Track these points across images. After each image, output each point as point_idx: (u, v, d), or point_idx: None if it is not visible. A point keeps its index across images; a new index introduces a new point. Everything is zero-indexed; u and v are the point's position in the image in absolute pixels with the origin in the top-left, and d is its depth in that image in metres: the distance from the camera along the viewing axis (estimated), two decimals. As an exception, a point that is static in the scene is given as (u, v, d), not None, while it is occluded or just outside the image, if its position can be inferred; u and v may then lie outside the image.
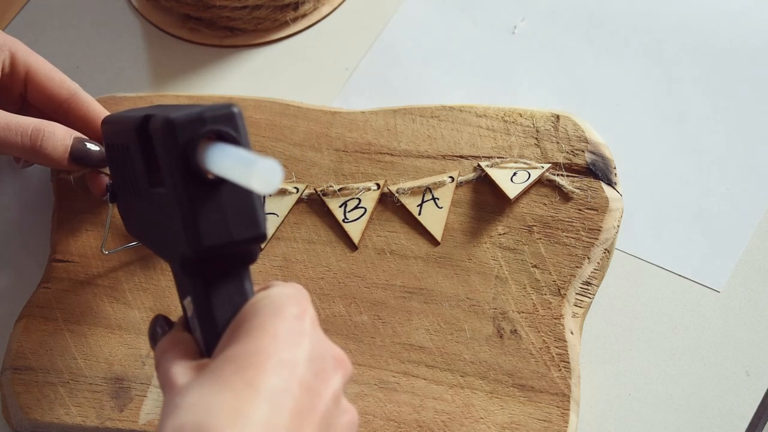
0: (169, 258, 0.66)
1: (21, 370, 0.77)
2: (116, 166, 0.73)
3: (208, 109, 0.61)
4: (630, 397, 0.77)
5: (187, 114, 0.60)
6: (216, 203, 0.60)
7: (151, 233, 0.68)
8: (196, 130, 0.60)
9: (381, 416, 0.74)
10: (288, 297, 0.61)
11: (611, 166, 0.81)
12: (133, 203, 0.71)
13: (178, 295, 0.65)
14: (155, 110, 0.66)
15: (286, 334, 0.58)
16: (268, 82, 0.90)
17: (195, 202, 0.60)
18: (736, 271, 0.81)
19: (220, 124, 0.60)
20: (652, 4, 0.92)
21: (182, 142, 0.60)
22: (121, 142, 0.69)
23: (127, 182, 0.70)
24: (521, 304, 0.77)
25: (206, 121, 0.60)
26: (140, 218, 0.70)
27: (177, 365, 0.60)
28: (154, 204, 0.65)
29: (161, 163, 0.62)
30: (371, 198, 0.81)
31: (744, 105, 0.87)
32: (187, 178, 0.60)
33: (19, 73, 0.79)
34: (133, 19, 0.94)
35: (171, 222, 0.62)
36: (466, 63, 0.91)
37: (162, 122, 0.60)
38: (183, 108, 0.64)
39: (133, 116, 0.67)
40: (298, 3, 0.92)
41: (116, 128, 0.71)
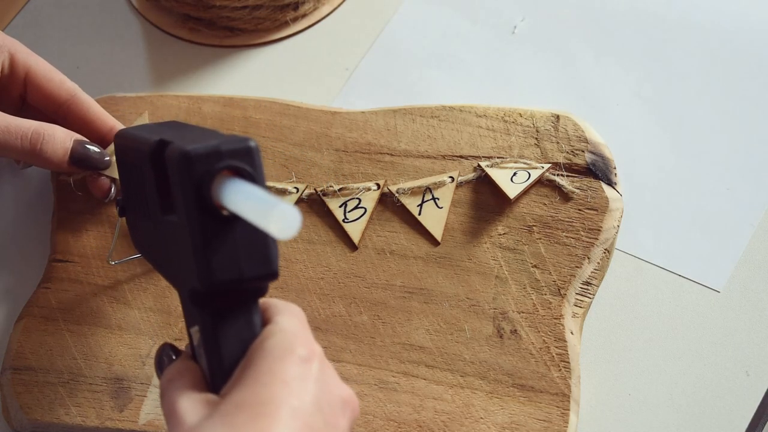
0: (178, 285, 0.65)
1: (21, 370, 0.77)
2: (127, 183, 0.72)
3: (225, 141, 0.60)
4: (630, 397, 0.77)
5: (204, 147, 0.59)
6: (229, 238, 0.60)
7: (160, 256, 0.68)
8: (212, 165, 0.59)
9: (381, 416, 0.74)
10: (295, 336, 0.60)
11: (611, 166, 0.81)
12: (142, 222, 0.70)
13: (185, 322, 0.65)
14: (171, 133, 0.66)
15: (295, 381, 0.59)
16: (268, 82, 0.90)
17: (208, 236, 0.59)
18: (736, 271, 0.81)
19: (237, 158, 0.59)
20: (652, 4, 0.92)
21: (198, 176, 0.59)
22: (135, 161, 0.69)
23: (138, 201, 0.69)
24: (521, 304, 0.77)
25: (223, 156, 0.59)
26: (149, 239, 0.69)
27: (184, 398, 0.60)
28: (166, 230, 0.65)
29: (175, 194, 0.61)
30: (371, 198, 0.81)
31: (744, 105, 0.87)
32: (201, 212, 0.59)
33: (19, 75, 0.79)
34: (133, 19, 0.94)
35: (182, 251, 0.62)
36: (466, 63, 0.91)
37: (178, 154, 0.60)
38: (200, 136, 0.63)
39: (148, 139, 0.66)
40: (298, 3, 0.92)
41: (130, 146, 0.70)
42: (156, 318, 0.78)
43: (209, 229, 0.59)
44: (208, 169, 0.59)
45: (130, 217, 0.74)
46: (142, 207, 0.69)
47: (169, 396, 0.61)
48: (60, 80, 0.80)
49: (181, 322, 0.78)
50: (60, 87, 0.79)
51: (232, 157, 0.59)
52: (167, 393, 0.61)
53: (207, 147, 0.59)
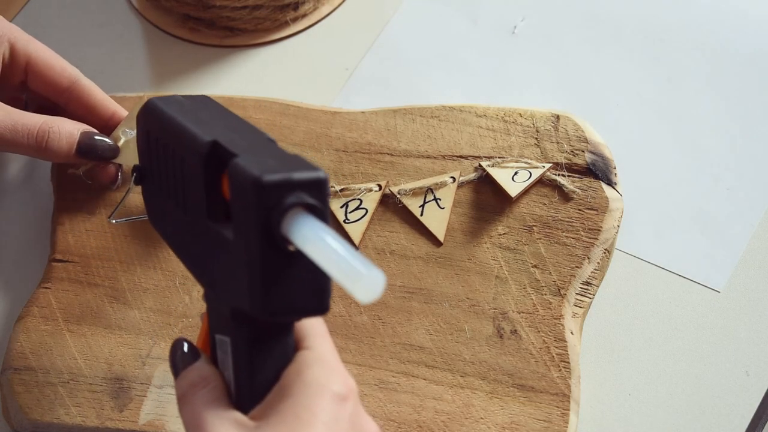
0: (209, 287, 0.64)
1: (21, 370, 0.77)
2: (152, 157, 0.69)
3: (296, 167, 0.58)
4: (630, 397, 0.77)
5: (278, 176, 0.57)
6: (289, 273, 0.58)
7: (189, 250, 0.66)
8: (283, 196, 0.57)
9: (381, 416, 0.74)
10: (332, 369, 0.60)
11: (611, 166, 0.81)
12: (168, 205, 0.68)
13: (210, 325, 0.64)
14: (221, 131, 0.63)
15: (332, 422, 0.58)
16: (268, 82, 0.90)
17: (269, 267, 0.58)
18: (736, 271, 0.81)
19: (308, 190, 0.57)
20: (652, 4, 0.92)
21: (268, 207, 0.57)
22: (173, 147, 0.66)
23: (167, 185, 0.67)
24: (521, 304, 0.77)
25: (295, 186, 0.57)
26: (176, 226, 0.67)
27: (213, 415, 0.59)
28: (206, 234, 0.63)
29: (236, 215, 0.59)
30: (372, 199, 0.81)
31: (744, 105, 0.87)
32: (266, 242, 0.57)
33: (20, 63, 0.79)
34: (133, 19, 0.94)
35: (230, 268, 0.60)
36: (466, 63, 0.91)
37: (249, 180, 0.57)
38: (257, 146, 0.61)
39: (197, 135, 0.63)
40: (298, 3, 0.92)
41: (167, 128, 0.67)
42: (156, 318, 0.78)
43: (270, 258, 0.58)
44: (279, 200, 0.57)
45: (147, 189, 0.71)
46: (173, 192, 0.66)
47: (193, 407, 0.60)
48: (61, 66, 0.79)
49: (181, 323, 0.78)
50: (61, 73, 0.79)
51: (303, 188, 0.57)
52: (191, 402, 0.60)
53: (281, 177, 0.57)
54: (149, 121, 0.69)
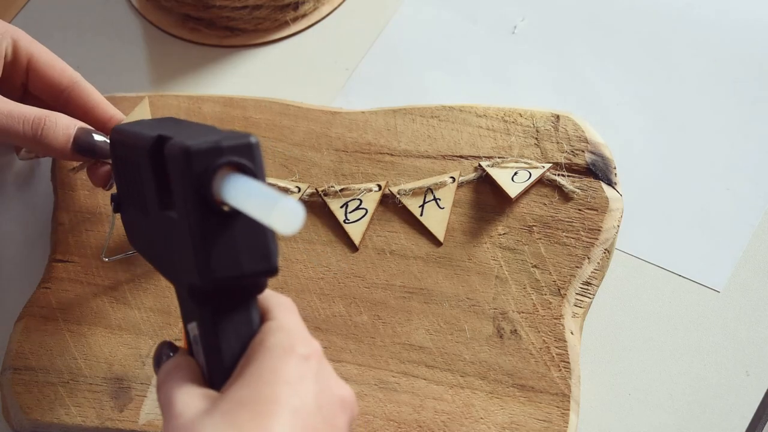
0: (175, 281, 0.65)
1: (21, 370, 0.77)
2: (123, 179, 0.72)
3: (226, 137, 0.59)
4: (630, 397, 0.77)
5: (205, 142, 0.59)
6: (229, 234, 0.59)
7: (157, 252, 0.68)
8: (212, 161, 0.59)
9: (381, 416, 0.74)
10: (295, 334, 0.61)
11: (611, 166, 0.81)
12: (139, 219, 0.70)
13: (182, 318, 0.65)
14: (170, 129, 0.65)
15: (296, 379, 0.59)
16: (268, 82, 0.90)
17: (207, 232, 0.59)
18: (736, 271, 0.81)
19: (237, 154, 0.59)
20: (652, 4, 0.92)
21: (198, 172, 0.59)
22: (132, 158, 0.68)
23: (135, 198, 0.69)
24: (521, 304, 0.77)
25: (223, 151, 0.59)
26: (146, 236, 0.69)
27: (182, 391, 0.60)
28: (163, 226, 0.64)
29: (175, 190, 0.61)
30: (372, 199, 0.81)
31: (744, 105, 0.87)
32: (201, 208, 0.59)
33: (21, 61, 0.79)
34: (133, 19, 0.94)
35: (180, 248, 0.61)
36: (466, 63, 0.91)
37: (178, 150, 0.59)
38: (199, 132, 0.63)
39: (146, 135, 0.66)
40: (298, 3, 0.92)
41: (128, 142, 0.69)
42: (156, 318, 0.78)
43: (209, 225, 0.59)
44: (208, 164, 0.59)
45: (125, 214, 0.73)
46: (139, 203, 0.68)
47: (166, 388, 0.61)
48: (62, 68, 0.79)
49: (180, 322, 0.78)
50: (61, 74, 0.79)
51: (233, 153, 0.59)
52: (164, 385, 0.61)
53: (207, 143, 0.59)
54: (115, 144, 0.72)
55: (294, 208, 0.54)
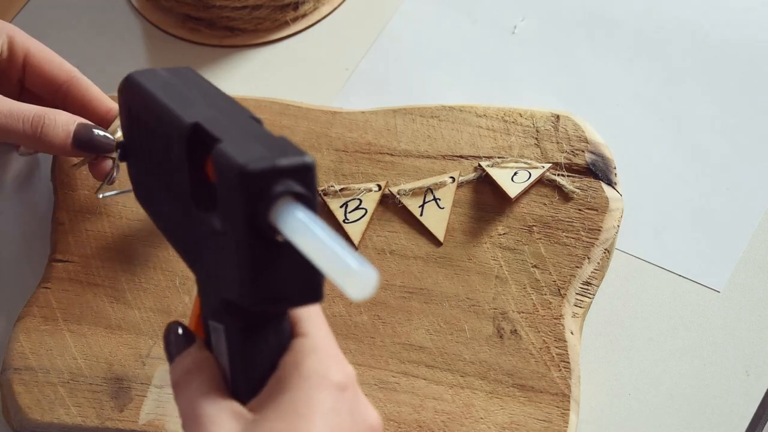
0: (196, 270, 0.62)
1: (21, 370, 0.77)
2: (135, 134, 0.67)
3: (281, 153, 0.56)
4: (630, 397, 0.77)
5: (263, 164, 0.55)
6: (277, 261, 0.56)
7: (176, 230, 0.64)
8: (270, 185, 0.55)
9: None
10: (330, 357, 0.59)
11: (611, 166, 0.81)
12: (154, 184, 0.66)
13: (202, 311, 0.62)
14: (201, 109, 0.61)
15: (331, 413, 0.57)
16: (268, 82, 0.90)
17: (257, 257, 0.56)
18: (736, 271, 0.81)
19: (294, 177, 0.55)
20: (652, 4, 0.92)
21: (253, 194, 0.55)
22: (154, 125, 0.63)
23: (154, 166, 0.65)
24: (521, 304, 0.77)
25: (281, 173, 0.55)
26: (162, 205, 0.65)
27: (210, 404, 0.58)
28: (195, 221, 0.61)
29: (222, 204, 0.57)
30: (372, 199, 0.81)
31: (744, 105, 0.87)
32: (253, 233, 0.55)
33: (18, 57, 0.79)
34: (133, 19, 0.94)
35: (219, 257, 0.58)
36: (466, 63, 0.91)
37: (232, 168, 0.55)
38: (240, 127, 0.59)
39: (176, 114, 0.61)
40: (298, 3, 0.92)
41: (147, 103, 0.64)
42: (156, 318, 0.78)
43: (259, 249, 0.56)
44: (266, 190, 0.55)
45: (132, 166, 0.69)
46: (157, 173, 0.64)
47: (189, 396, 0.59)
48: (59, 62, 0.79)
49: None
50: (59, 69, 0.79)
51: (290, 174, 0.55)
52: (186, 390, 0.59)
53: (266, 164, 0.55)
54: (130, 97, 0.67)
55: (370, 276, 0.51)
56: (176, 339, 0.62)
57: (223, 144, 0.57)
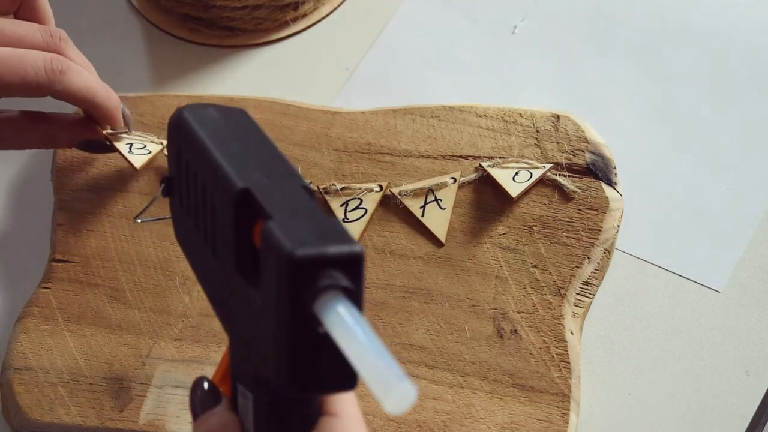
0: (228, 330, 0.61)
1: (21, 370, 0.77)
2: (184, 179, 0.63)
3: (332, 240, 0.54)
4: (630, 397, 0.77)
5: (311, 251, 0.53)
6: (317, 349, 0.54)
7: (214, 285, 0.62)
8: (317, 274, 0.53)
9: (381, 416, 0.74)
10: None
11: (611, 166, 0.81)
12: (194, 231, 0.62)
13: (231, 372, 0.60)
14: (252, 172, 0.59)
15: None
16: (268, 82, 0.90)
17: (297, 343, 0.54)
18: (736, 271, 0.81)
19: (342, 267, 0.53)
20: (652, 4, 0.92)
21: (301, 284, 0.53)
22: (203, 176, 0.61)
23: (198, 215, 0.62)
24: (521, 304, 0.77)
25: (329, 262, 0.53)
26: (202, 256, 0.63)
27: None
28: (234, 284, 0.59)
29: (267, 286, 0.55)
30: (373, 199, 0.81)
31: (744, 105, 0.87)
32: (295, 319, 0.54)
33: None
34: (133, 19, 0.94)
35: (255, 330, 0.57)
36: (466, 63, 0.91)
37: (280, 252, 0.53)
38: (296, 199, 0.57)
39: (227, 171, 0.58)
40: (298, 3, 0.92)
41: (197, 150, 0.61)
42: (156, 318, 0.78)
43: (300, 337, 0.54)
44: (313, 280, 0.53)
45: (175, 201, 0.65)
46: (201, 223, 0.62)
47: None
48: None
49: (181, 323, 0.78)
50: None
51: (339, 265, 0.53)
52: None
53: (315, 252, 0.53)
54: (180, 137, 0.63)
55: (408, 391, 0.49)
56: (202, 396, 0.61)
57: (273, 222, 0.55)
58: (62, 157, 0.84)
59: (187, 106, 0.64)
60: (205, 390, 0.60)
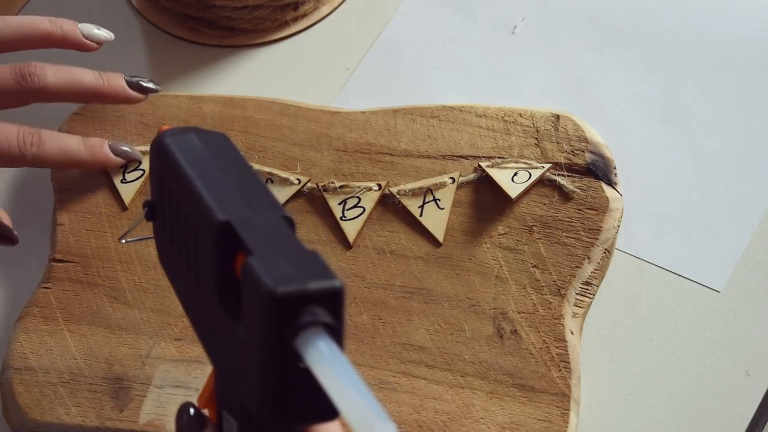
0: (212, 359, 0.61)
1: (21, 370, 0.77)
2: (166, 205, 0.63)
3: (312, 275, 0.54)
4: (630, 397, 0.77)
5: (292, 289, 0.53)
6: (299, 384, 0.55)
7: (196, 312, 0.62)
8: (299, 311, 0.53)
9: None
10: None
11: (611, 166, 0.81)
12: (180, 261, 0.62)
13: (216, 399, 0.61)
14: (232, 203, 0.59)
15: None
16: (268, 82, 0.90)
17: (279, 380, 0.55)
18: (736, 271, 0.81)
19: (324, 303, 0.54)
20: (652, 4, 0.92)
21: (281, 321, 0.53)
22: (184, 206, 0.61)
23: (180, 243, 0.62)
24: (521, 304, 0.77)
25: (311, 297, 0.53)
26: (184, 283, 0.63)
27: None
28: (217, 315, 0.59)
29: (249, 322, 0.55)
30: (371, 198, 0.81)
31: (744, 105, 0.87)
32: (276, 355, 0.54)
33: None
34: (133, 19, 0.94)
35: (238, 362, 0.57)
36: (466, 63, 0.91)
37: (261, 290, 0.54)
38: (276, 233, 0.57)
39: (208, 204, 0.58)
40: (298, 3, 0.92)
41: (178, 179, 0.61)
42: (156, 318, 0.78)
43: (281, 372, 0.55)
44: (294, 317, 0.53)
45: (158, 226, 0.65)
46: (183, 251, 0.62)
47: None
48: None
49: (181, 323, 0.78)
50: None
51: (320, 301, 0.54)
52: None
53: (296, 288, 0.53)
54: (162, 165, 0.63)
55: None
56: (188, 421, 0.61)
57: (253, 257, 0.55)
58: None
59: (168, 131, 0.64)
60: (191, 415, 0.61)
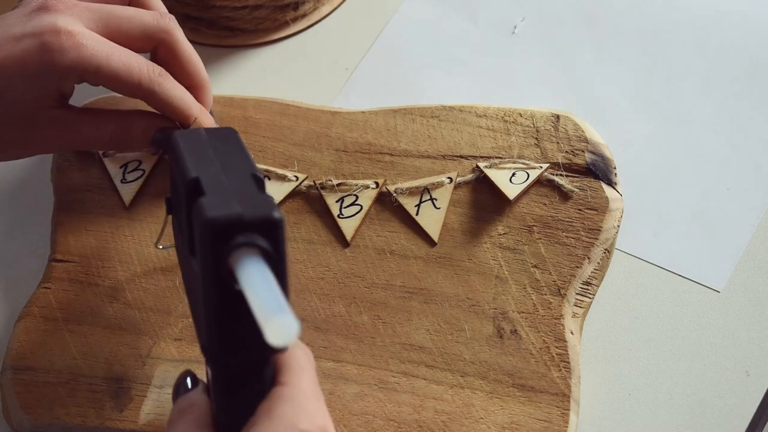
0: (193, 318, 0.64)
1: (21, 370, 0.77)
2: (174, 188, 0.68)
3: (251, 206, 0.57)
4: (630, 397, 0.77)
5: (226, 216, 0.57)
6: (242, 311, 0.57)
7: (188, 281, 0.66)
8: (233, 236, 0.56)
9: (381, 416, 0.75)
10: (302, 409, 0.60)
11: (611, 166, 0.81)
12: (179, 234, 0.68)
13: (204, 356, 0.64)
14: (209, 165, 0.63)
15: None
16: (268, 82, 0.90)
17: (222, 306, 0.57)
18: (736, 271, 0.81)
19: (259, 230, 0.57)
20: (652, 4, 0.92)
21: (217, 244, 0.57)
22: (178, 180, 0.66)
23: (180, 222, 0.67)
24: (521, 304, 0.77)
25: (245, 226, 0.57)
26: (183, 255, 0.67)
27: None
28: (191, 268, 0.63)
29: (198, 256, 0.59)
30: (368, 196, 0.81)
31: (744, 105, 0.87)
32: (218, 281, 0.57)
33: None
34: (133, 19, 0.94)
35: (200, 303, 0.60)
36: (466, 63, 0.91)
37: (200, 217, 0.57)
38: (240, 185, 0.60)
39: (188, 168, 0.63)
40: (298, 3, 0.92)
41: (176, 161, 0.66)
42: (156, 318, 0.78)
43: (224, 298, 0.57)
44: (228, 239, 0.56)
45: (175, 218, 0.70)
46: (180, 225, 0.66)
47: (176, 430, 0.61)
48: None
49: (181, 323, 0.78)
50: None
51: (256, 229, 0.57)
52: (174, 427, 0.61)
53: (230, 215, 0.57)
54: (171, 157, 0.69)
55: (289, 326, 0.53)
56: (182, 384, 0.65)
57: (204, 198, 0.59)
58: (62, 157, 0.84)
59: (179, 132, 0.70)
60: (186, 382, 0.65)
